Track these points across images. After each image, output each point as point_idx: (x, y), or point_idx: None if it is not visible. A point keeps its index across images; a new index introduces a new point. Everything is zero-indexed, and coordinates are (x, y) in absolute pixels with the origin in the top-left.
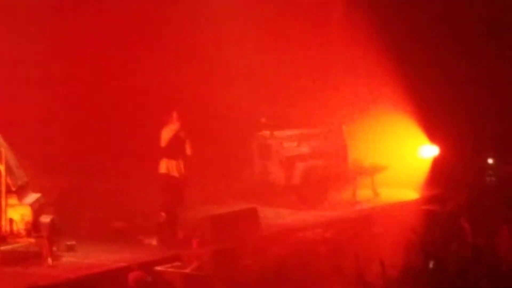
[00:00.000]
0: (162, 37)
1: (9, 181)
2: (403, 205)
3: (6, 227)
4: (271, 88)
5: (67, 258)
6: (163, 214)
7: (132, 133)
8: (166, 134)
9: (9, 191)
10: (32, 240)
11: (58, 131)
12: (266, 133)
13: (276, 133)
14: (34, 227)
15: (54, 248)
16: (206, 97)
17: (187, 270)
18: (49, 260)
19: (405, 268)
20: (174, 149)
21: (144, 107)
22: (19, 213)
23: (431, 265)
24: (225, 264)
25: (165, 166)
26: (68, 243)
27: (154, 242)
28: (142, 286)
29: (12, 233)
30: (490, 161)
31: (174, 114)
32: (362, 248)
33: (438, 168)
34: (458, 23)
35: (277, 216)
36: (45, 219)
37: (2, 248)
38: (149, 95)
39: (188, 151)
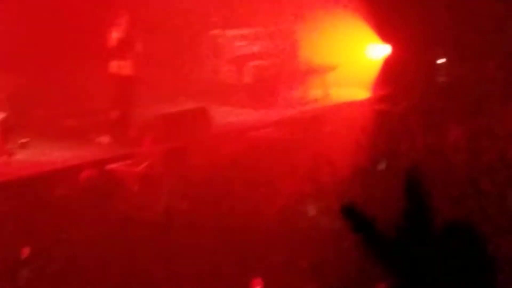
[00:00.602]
0: None
1: None
2: (354, 105)
3: None
4: None
5: (20, 156)
6: (115, 111)
7: (84, 30)
8: (114, 34)
9: None
10: None
11: (12, 26)
12: (217, 32)
13: (227, 32)
14: None
15: (8, 146)
16: None
17: (139, 169)
18: (4, 157)
19: (354, 168)
20: (122, 48)
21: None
22: None
23: (382, 165)
24: (176, 163)
25: (116, 65)
26: (21, 140)
27: (106, 140)
28: (93, 185)
29: None
30: (441, 60)
31: (122, 18)
32: (313, 147)
33: (389, 67)
34: None
35: (228, 115)
36: None
37: None
38: None
39: (138, 48)
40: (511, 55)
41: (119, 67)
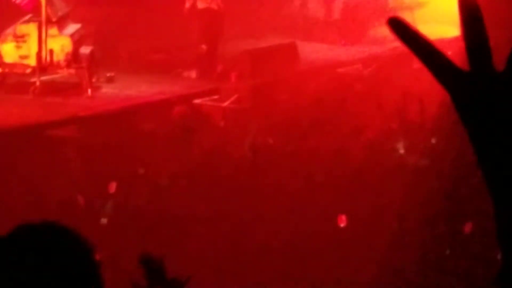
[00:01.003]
0: None
1: (49, 11)
2: (443, 42)
3: (46, 58)
4: None
5: (107, 89)
6: (203, 46)
7: None
8: None
9: (49, 22)
10: (72, 71)
11: None
12: None
13: None
14: (74, 58)
15: (94, 79)
16: None
17: (225, 104)
18: (89, 91)
19: (442, 104)
20: None
21: None
22: (59, 43)
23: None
24: (263, 98)
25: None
26: (108, 74)
27: (193, 75)
28: (186, 121)
29: (52, 64)
30: None
31: None
32: (402, 84)
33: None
34: None
35: (316, 51)
36: (85, 50)
37: (43, 78)
38: None
39: None
40: None
41: (207, 1)
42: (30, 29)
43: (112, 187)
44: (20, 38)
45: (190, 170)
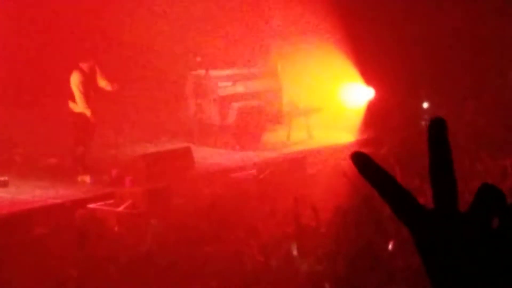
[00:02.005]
0: None
1: None
2: (337, 148)
3: None
4: (206, 27)
5: (0, 194)
6: (80, 148)
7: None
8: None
9: None
10: None
11: None
12: (201, 72)
13: (212, 72)
14: None
15: None
16: (139, 35)
17: (120, 208)
18: None
19: (337, 210)
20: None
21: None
22: None
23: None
24: (158, 203)
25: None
26: (1, 178)
27: (87, 179)
28: (73, 225)
29: None
30: (425, 105)
31: (84, 65)
32: (296, 190)
33: (373, 111)
34: None
35: (211, 156)
36: None
37: None
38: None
39: (105, 85)
40: (490, 97)
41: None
42: None
43: None
44: None
45: (87, 275)
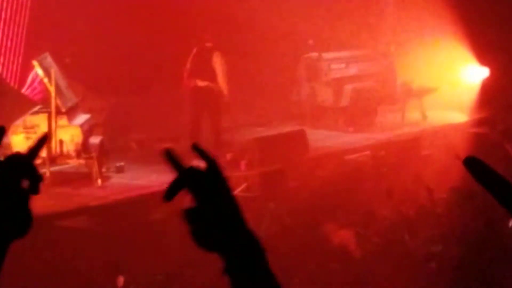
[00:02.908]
0: None
1: (59, 102)
2: (451, 128)
3: (56, 148)
4: (318, 10)
5: (117, 179)
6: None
7: (176, 56)
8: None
9: (59, 112)
10: (81, 161)
11: (107, 52)
12: (314, 55)
13: (324, 54)
14: (83, 148)
15: (104, 169)
16: (252, 19)
17: (235, 192)
18: (99, 181)
19: (452, 191)
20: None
21: (187, 28)
22: (69, 134)
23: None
24: (273, 186)
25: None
26: (117, 164)
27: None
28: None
29: (62, 154)
30: None
31: (207, 36)
32: (410, 171)
33: (487, 90)
34: None
35: (325, 139)
36: (95, 140)
37: (53, 169)
38: (191, 18)
39: (219, 65)
40: None
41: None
42: (40, 120)
43: (120, 281)
44: (30, 129)
45: (200, 258)
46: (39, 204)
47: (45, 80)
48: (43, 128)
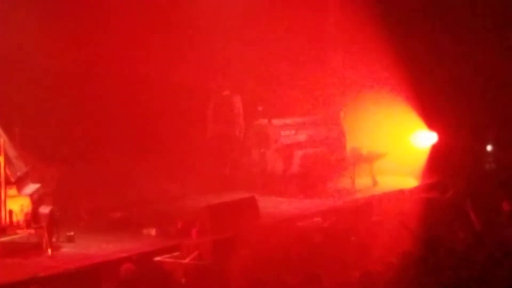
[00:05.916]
0: (159, 32)
1: (8, 172)
2: (402, 193)
3: (5, 218)
4: (268, 77)
5: (67, 249)
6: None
7: (128, 124)
8: None
9: (8, 182)
10: (31, 231)
11: (56, 119)
12: (264, 121)
13: (274, 121)
14: (33, 218)
15: (54, 239)
16: (199, 87)
17: (187, 260)
18: (49, 251)
19: (404, 255)
20: None
21: (142, 97)
22: (18, 204)
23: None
24: (224, 254)
25: None
26: (68, 233)
27: (153, 232)
28: (132, 278)
29: (11, 224)
30: (489, 148)
31: None
32: (362, 236)
33: (437, 155)
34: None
35: (276, 205)
36: (45, 209)
37: (2, 239)
38: (148, 88)
39: None
40: None
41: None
42: None
43: None
44: None
45: None
46: None
47: None
48: None
